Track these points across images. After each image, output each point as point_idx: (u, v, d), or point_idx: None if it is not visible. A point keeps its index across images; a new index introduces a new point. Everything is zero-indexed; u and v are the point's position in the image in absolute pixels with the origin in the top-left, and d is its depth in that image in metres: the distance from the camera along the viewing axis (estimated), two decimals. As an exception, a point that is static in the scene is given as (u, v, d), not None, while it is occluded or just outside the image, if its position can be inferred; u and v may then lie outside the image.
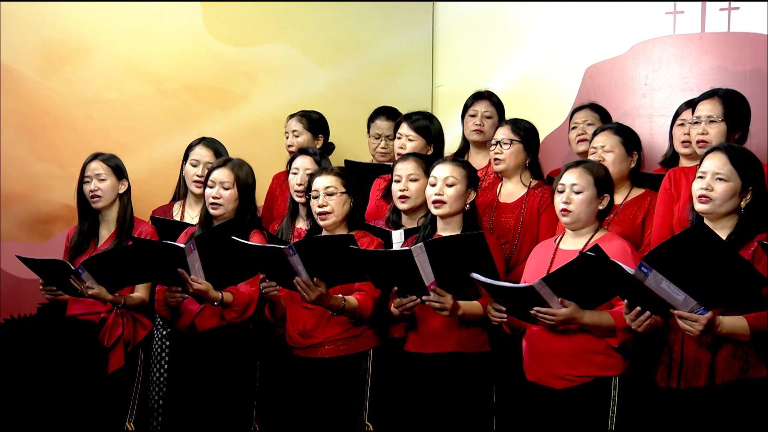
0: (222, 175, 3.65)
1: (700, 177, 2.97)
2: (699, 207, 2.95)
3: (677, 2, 4.57)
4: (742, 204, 2.93)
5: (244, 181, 3.68)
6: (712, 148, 3.05)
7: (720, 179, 2.92)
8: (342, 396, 3.50)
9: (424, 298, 3.21)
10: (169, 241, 3.52)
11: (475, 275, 3.03)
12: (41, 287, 3.67)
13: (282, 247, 3.26)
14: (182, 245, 3.41)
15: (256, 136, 4.77)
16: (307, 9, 5.04)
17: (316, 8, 5.06)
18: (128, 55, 4.60)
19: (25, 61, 4.35)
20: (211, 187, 3.65)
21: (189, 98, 4.76)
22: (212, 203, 3.64)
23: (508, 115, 4.20)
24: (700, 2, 4.51)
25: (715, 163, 2.95)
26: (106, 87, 4.55)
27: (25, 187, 4.32)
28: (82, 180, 3.79)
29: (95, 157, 3.83)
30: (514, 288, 3.03)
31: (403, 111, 4.34)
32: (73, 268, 3.52)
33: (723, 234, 2.87)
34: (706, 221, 2.96)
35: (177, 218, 4.04)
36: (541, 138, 4.40)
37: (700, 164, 3.04)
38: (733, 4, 4.44)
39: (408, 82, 5.25)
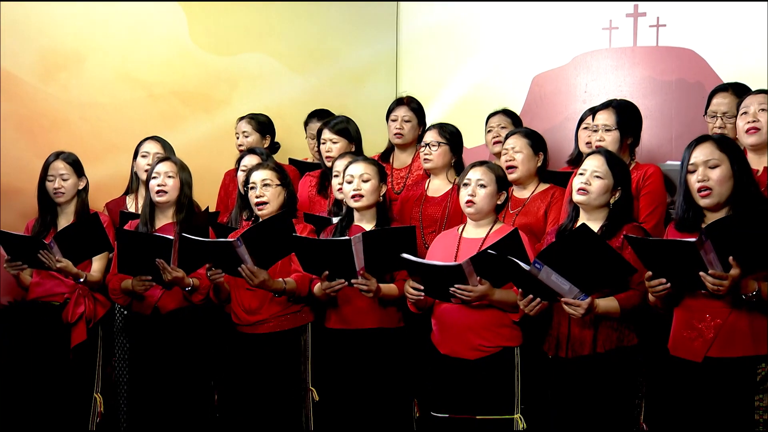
0: (166, 167, 3.71)
1: (581, 174, 3.14)
2: (577, 198, 3.13)
3: (612, 18, 4.69)
4: (612, 200, 3.12)
5: (186, 181, 3.75)
6: (591, 151, 3.26)
7: (597, 176, 3.10)
8: (287, 365, 3.59)
9: (353, 281, 3.30)
10: (161, 234, 3.58)
11: (406, 255, 3.14)
12: (6, 263, 3.70)
13: (231, 240, 3.31)
14: (171, 238, 3.48)
15: (237, 137, 4.73)
16: (283, 21, 5.11)
17: (291, 21, 5.13)
18: (120, 63, 4.65)
19: (25, 68, 4.38)
20: (155, 178, 3.70)
21: (176, 102, 4.82)
22: (158, 191, 3.69)
23: (464, 118, 4.29)
24: (632, 19, 4.62)
25: (594, 163, 3.13)
26: (99, 92, 4.59)
27: (24, 182, 4.27)
28: (45, 177, 3.86)
29: (57, 156, 3.89)
30: (443, 266, 3.13)
31: (370, 114, 4.46)
32: (46, 243, 3.58)
33: (596, 225, 3.08)
34: (582, 212, 3.15)
35: (131, 210, 4.12)
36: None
37: (580, 164, 3.20)
38: (661, 21, 4.56)
39: (374, 89, 5.33)
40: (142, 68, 4.73)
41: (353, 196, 3.53)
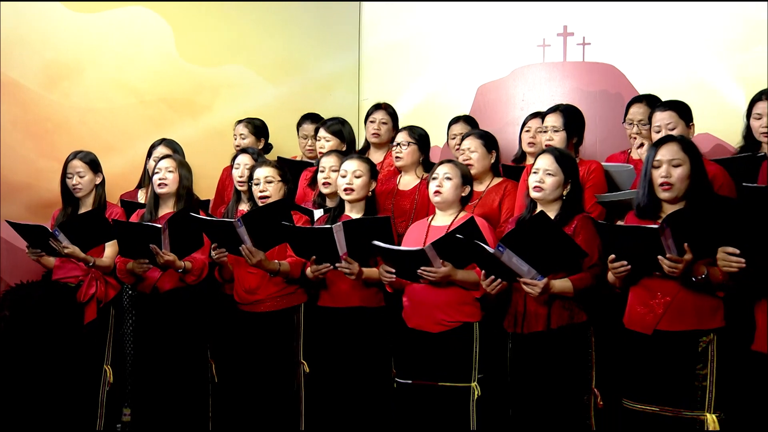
0: (166, 163, 3.89)
1: (534, 173, 3.26)
2: (534, 195, 3.25)
3: (545, 37, 4.97)
4: (564, 192, 3.25)
5: (185, 175, 3.90)
6: (542, 151, 3.35)
7: (549, 174, 3.23)
8: (282, 341, 3.74)
9: (337, 265, 3.44)
10: (148, 223, 3.74)
11: (377, 242, 3.27)
12: (27, 250, 3.82)
13: (232, 220, 3.50)
14: (159, 226, 3.61)
15: (218, 139, 5.00)
16: (258, 37, 5.29)
17: (265, 36, 5.31)
18: (115, 73, 4.82)
19: (31, 78, 4.56)
20: (157, 173, 3.87)
21: (164, 108, 4.98)
22: (159, 183, 3.84)
23: (418, 123, 4.40)
24: (562, 38, 4.92)
25: (545, 162, 3.25)
26: (96, 98, 4.75)
27: (30, 179, 4.51)
28: (65, 175, 3.98)
29: (75, 155, 3.99)
30: (408, 251, 3.28)
31: (335, 120, 4.53)
32: (50, 230, 3.67)
33: (551, 215, 3.17)
34: (538, 205, 3.26)
35: (142, 201, 4.25)
36: (444, 141, 4.76)
37: (533, 163, 3.32)
38: (587, 40, 4.87)
39: (339, 96, 5.50)
40: (134, 78, 4.89)
41: (345, 190, 3.63)
